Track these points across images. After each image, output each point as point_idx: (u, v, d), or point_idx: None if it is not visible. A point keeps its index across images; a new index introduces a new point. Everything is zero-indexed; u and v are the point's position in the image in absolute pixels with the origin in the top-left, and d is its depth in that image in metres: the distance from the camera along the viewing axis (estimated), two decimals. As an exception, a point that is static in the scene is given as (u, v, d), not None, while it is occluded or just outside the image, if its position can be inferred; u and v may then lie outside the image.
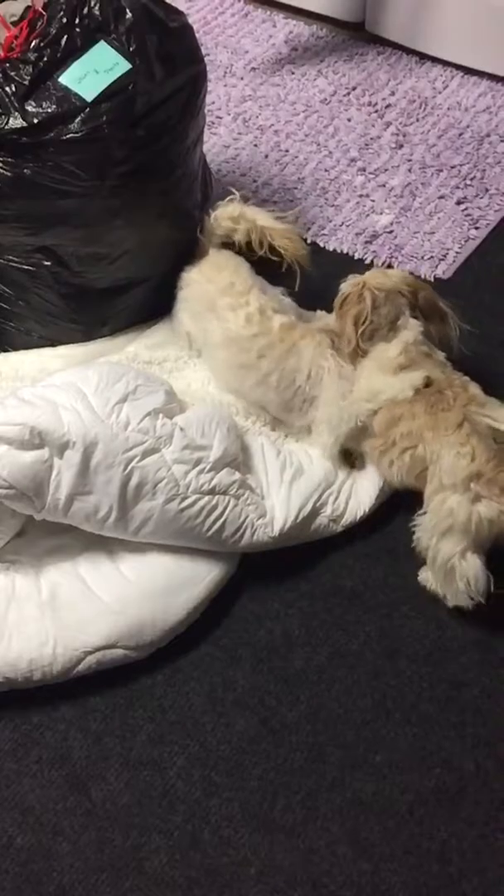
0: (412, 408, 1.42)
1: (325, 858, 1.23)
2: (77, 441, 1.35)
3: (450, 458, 1.35)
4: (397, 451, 1.43)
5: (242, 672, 1.39)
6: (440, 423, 1.38)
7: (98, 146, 1.46)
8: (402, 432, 1.42)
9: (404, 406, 1.43)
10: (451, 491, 1.35)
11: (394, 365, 1.46)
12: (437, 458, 1.37)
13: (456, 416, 1.38)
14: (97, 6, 1.49)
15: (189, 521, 1.40)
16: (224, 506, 1.42)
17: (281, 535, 1.46)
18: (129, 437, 1.39)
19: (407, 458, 1.42)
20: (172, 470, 1.39)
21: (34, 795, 1.28)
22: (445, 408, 1.39)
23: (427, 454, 1.39)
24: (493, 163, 2.17)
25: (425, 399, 1.42)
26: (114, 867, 1.23)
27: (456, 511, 1.35)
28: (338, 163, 2.18)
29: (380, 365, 1.48)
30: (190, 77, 1.56)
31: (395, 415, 1.43)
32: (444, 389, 1.42)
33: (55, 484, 1.35)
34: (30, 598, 1.37)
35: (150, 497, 1.38)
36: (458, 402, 1.40)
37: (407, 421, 1.42)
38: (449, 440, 1.36)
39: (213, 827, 1.26)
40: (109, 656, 1.36)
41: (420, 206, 2.08)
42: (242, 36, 2.55)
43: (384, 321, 1.49)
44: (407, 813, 1.27)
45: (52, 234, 1.54)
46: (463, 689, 1.38)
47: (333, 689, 1.38)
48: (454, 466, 1.35)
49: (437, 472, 1.38)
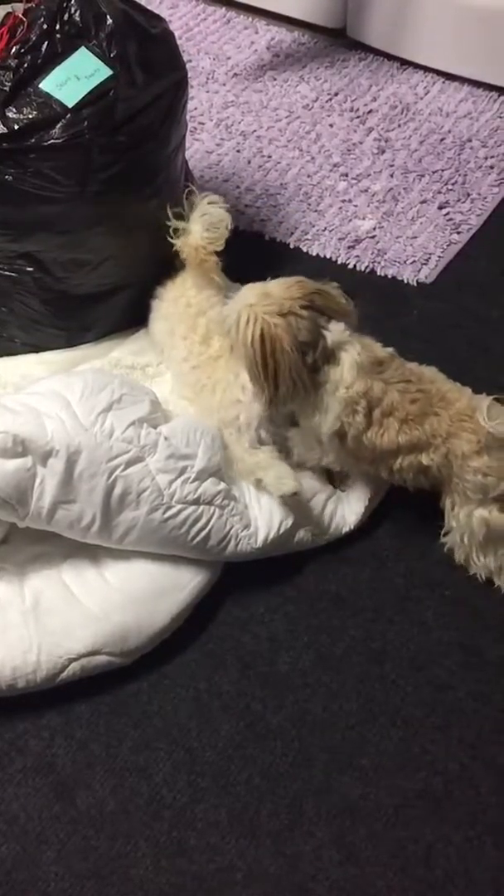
0: (409, 439, 1.39)
1: (311, 863, 1.23)
2: (60, 449, 1.35)
3: (475, 479, 1.38)
4: (409, 475, 1.43)
5: (228, 677, 1.39)
6: (453, 452, 1.38)
7: (79, 152, 1.46)
8: (410, 463, 1.41)
9: (393, 437, 1.39)
10: (476, 504, 1.39)
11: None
12: (459, 480, 1.39)
13: (468, 442, 1.37)
14: (77, 13, 1.49)
15: (173, 530, 1.40)
16: (209, 516, 1.42)
17: (263, 546, 1.46)
18: (112, 446, 1.38)
19: (422, 478, 1.43)
20: (157, 479, 1.39)
21: (19, 804, 1.28)
22: (449, 434, 1.38)
23: (444, 477, 1.41)
24: (475, 167, 2.19)
25: (419, 427, 1.39)
26: (99, 875, 1.22)
27: (490, 520, 1.40)
28: (320, 168, 2.19)
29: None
30: (171, 83, 1.56)
31: (388, 447, 1.40)
32: (434, 407, 1.40)
33: (38, 492, 1.34)
34: (13, 606, 1.36)
35: (135, 506, 1.38)
36: (457, 423, 1.39)
37: (407, 454, 1.41)
38: (470, 466, 1.38)
39: (200, 833, 1.25)
40: (94, 663, 1.35)
41: (402, 210, 2.09)
42: (224, 42, 2.55)
43: (308, 349, 1.38)
44: (393, 816, 1.27)
45: (34, 240, 1.53)
46: (448, 691, 1.38)
47: (319, 693, 1.38)
48: (482, 485, 1.38)
49: (459, 487, 1.40)
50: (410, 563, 1.51)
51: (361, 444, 1.41)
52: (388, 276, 1.96)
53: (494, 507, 1.40)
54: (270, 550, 1.48)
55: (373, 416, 1.40)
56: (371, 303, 1.91)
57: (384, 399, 1.39)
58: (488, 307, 1.90)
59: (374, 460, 1.44)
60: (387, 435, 1.39)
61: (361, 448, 1.42)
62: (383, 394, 1.40)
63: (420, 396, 1.40)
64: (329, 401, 1.40)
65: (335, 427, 1.41)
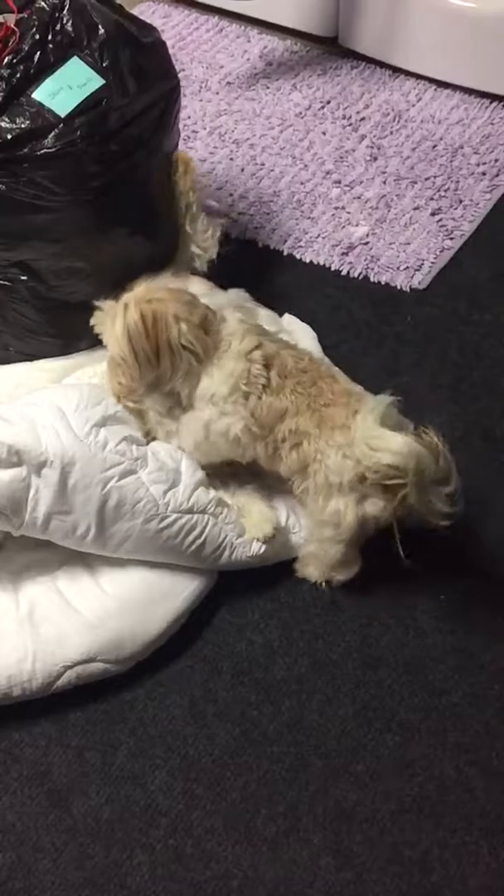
0: (296, 402, 1.38)
1: (307, 869, 1.23)
2: (55, 460, 1.35)
3: (337, 458, 1.35)
4: (286, 448, 1.40)
5: (223, 684, 1.39)
6: (325, 420, 1.37)
7: (72, 161, 1.47)
8: (290, 429, 1.39)
9: (286, 399, 1.38)
10: (336, 490, 1.36)
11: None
12: (322, 457, 1.37)
13: (340, 415, 1.36)
14: (70, 22, 1.50)
15: (168, 539, 1.40)
16: (203, 525, 1.42)
17: (256, 555, 1.46)
18: (106, 458, 1.38)
19: (295, 455, 1.40)
20: (150, 490, 1.39)
21: (14, 812, 1.27)
22: (328, 403, 1.38)
23: (311, 451, 1.38)
24: (467, 174, 2.20)
25: (305, 392, 1.38)
26: (95, 883, 1.22)
27: (343, 513, 1.37)
28: (313, 175, 2.20)
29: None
30: (163, 92, 1.57)
31: (278, 409, 1.39)
32: (317, 381, 1.39)
33: (33, 503, 1.34)
34: (8, 614, 1.36)
35: (130, 517, 1.38)
36: (337, 396, 1.38)
37: (292, 417, 1.38)
38: (335, 440, 1.36)
39: (196, 840, 1.25)
40: (89, 670, 1.35)
41: (395, 217, 2.09)
42: (217, 51, 2.56)
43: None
44: (389, 821, 1.27)
45: (27, 248, 1.54)
46: (443, 696, 1.38)
47: (314, 699, 1.38)
48: (341, 466, 1.35)
49: (321, 469, 1.37)
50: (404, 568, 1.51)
51: (260, 407, 1.39)
52: (382, 282, 1.97)
53: (350, 500, 1.37)
54: (264, 560, 1.48)
55: (269, 375, 1.38)
56: (365, 309, 1.92)
57: (276, 359, 1.39)
58: (481, 312, 1.91)
59: (269, 429, 1.40)
60: (281, 395, 1.38)
61: (262, 411, 1.39)
62: (276, 353, 1.40)
63: (312, 369, 1.42)
64: (225, 359, 1.38)
65: (231, 385, 1.37)
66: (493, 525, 1.58)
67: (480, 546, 1.55)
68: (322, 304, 1.91)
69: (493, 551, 1.55)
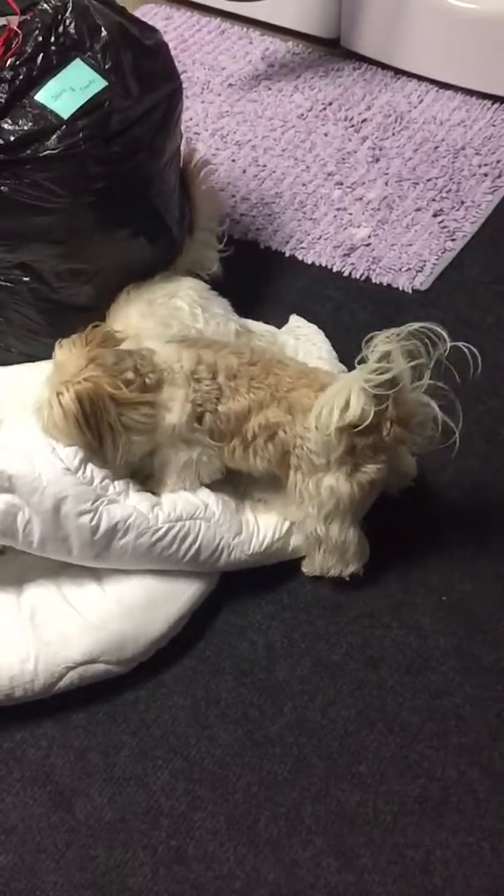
0: (257, 397, 1.38)
1: (309, 871, 1.23)
2: (48, 487, 1.34)
3: (317, 438, 1.35)
4: (261, 442, 1.40)
5: (225, 685, 1.39)
6: (294, 405, 1.37)
7: (74, 163, 1.47)
8: (259, 423, 1.39)
9: (244, 399, 1.38)
10: (323, 471, 1.37)
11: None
12: (303, 441, 1.37)
13: (308, 396, 1.37)
14: (72, 24, 1.50)
15: (163, 550, 1.40)
16: (196, 530, 1.42)
17: (256, 553, 1.46)
18: (95, 489, 1.38)
19: (271, 447, 1.40)
20: (138, 507, 1.39)
21: (17, 813, 1.28)
22: (290, 388, 1.38)
23: (290, 438, 1.38)
24: (469, 175, 2.20)
25: (263, 384, 1.38)
26: (98, 884, 1.22)
27: (337, 489, 1.37)
28: (315, 177, 2.20)
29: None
30: (165, 94, 1.57)
31: (241, 410, 1.39)
32: (270, 371, 1.39)
33: (27, 530, 1.34)
34: (10, 615, 1.36)
35: (123, 534, 1.38)
36: (296, 380, 1.39)
37: (258, 412, 1.38)
38: (310, 422, 1.35)
39: (198, 841, 1.25)
40: (91, 671, 1.35)
41: (397, 218, 2.09)
42: (219, 53, 2.57)
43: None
44: (391, 823, 1.27)
45: (29, 250, 1.54)
46: (445, 697, 1.38)
47: (316, 700, 1.38)
48: (326, 444, 1.35)
49: (303, 454, 1.38)
50: (406, 569, 1.52)
51: (220, 418, 1.39)
52: (384, 283, 1.97)
53: (341, 474, 1.37)
54: (265, 558, 1.48)
55: (219, 383, 1.39)
56: (366, 310, 1.92)
57: (219, 363, 1.39)
58: (483, 314, 1.91)
59: (233, 433, 1.40)
60: (238, 397, 1.39)
61: (221, 423, 1.39)
62: (216, 358, 1.40)
63: (259, 359, 1.42)
64: (172, 391, 1.38)
65: (189, 412, 1.38)
66: (496, 526, 1.58)
67: (483, 547, 1.55)
68: (324, 306, 1.91)
69: (495, 552, 1.55)
